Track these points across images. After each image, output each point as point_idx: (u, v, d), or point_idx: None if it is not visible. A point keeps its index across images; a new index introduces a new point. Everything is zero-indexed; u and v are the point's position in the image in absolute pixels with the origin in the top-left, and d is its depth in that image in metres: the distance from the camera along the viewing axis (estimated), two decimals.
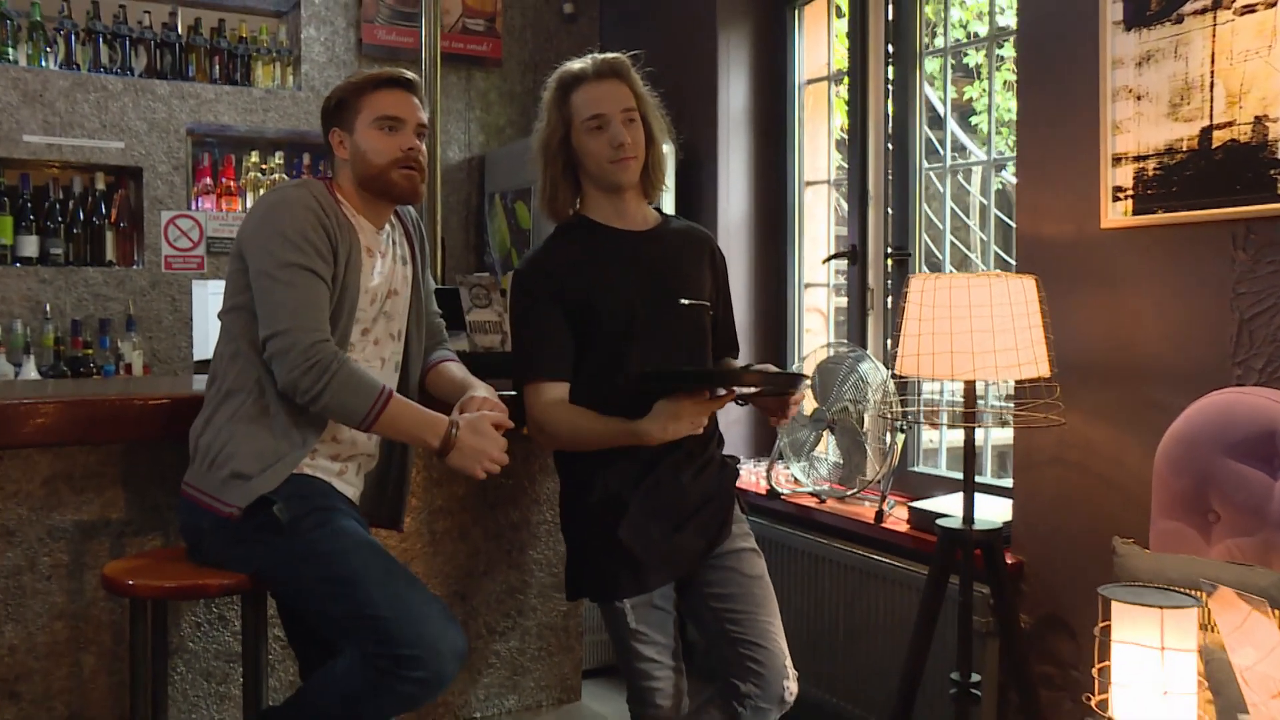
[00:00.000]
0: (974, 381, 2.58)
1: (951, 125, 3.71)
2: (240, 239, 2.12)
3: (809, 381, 2.17)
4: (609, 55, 2.37)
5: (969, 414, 2.61)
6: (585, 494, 2.34)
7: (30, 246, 4.09)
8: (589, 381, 2.31)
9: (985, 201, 3.75)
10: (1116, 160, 2.61)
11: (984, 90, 5.38)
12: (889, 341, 3.64)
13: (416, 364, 2.34)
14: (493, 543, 2.82)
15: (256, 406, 2.07)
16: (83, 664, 2.40)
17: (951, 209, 3.69)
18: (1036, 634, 2.84)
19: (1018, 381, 2.65)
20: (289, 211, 2.07)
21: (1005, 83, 4.92)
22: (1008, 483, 3.30)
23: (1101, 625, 1.85)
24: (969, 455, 2.65)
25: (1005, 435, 3.60)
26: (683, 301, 2.38)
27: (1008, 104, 4.82)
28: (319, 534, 2.01)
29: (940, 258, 3.71)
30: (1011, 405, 2.92)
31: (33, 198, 4.11)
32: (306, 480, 2.09)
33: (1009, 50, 4.47)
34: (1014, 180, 4.32)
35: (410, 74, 2.24)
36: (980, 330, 2.50)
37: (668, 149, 3.23)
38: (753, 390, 2.30)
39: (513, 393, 2.48)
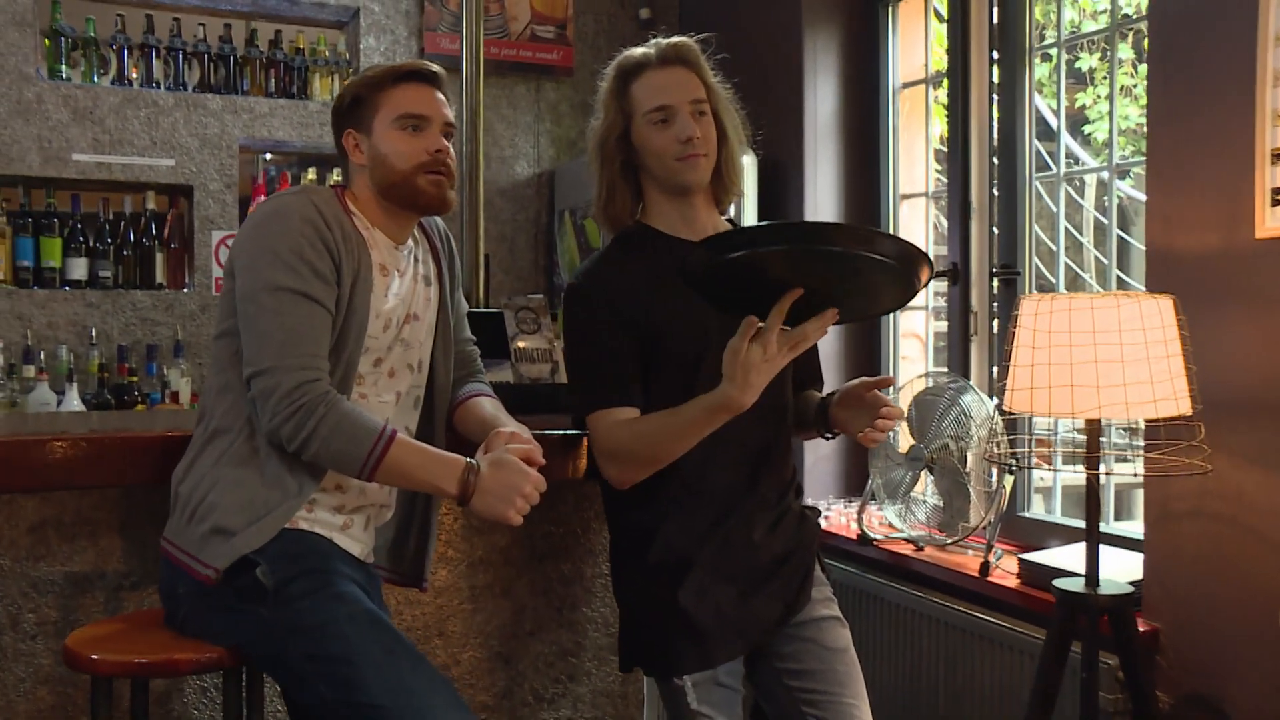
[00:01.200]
0: (1098, 420, 2.22)
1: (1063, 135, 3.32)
2: (231, 254, 1.84)
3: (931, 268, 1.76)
4: (675, 40, 2.05)
5: (1092, 458, 2.24)
6: (641, 552, 2.02)
7: (79, 269, 3.91)
8: None
9: (1105, 220, 3.36)
10: (1277, 157, 2.21)
11: (1098, 96, 4.96)
12: (995, 371, 3.27)
13: (443, 399, 2.03)
14: (541, 599, 2.50)
15: (246, 448, 1.77)
16: None
17: (1064, 227, 3.30)
18: (1178, 717, 2.43)
19: (1149, 420, 2.28)
20: (284, 225, 1.77)
21: (1123, 88, 4.50)
22: (1129, 528, 2.91)
23: None
24: (1091, 506, 2.30)
25: (1127, 474, 3.21)
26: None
27: (1124, 110, 4.41)
28: (309, 602, 1.69)
29: (1051, 278, 3.34)
30: (1141, 444, 2.54)
31: (82, 220, 3.94)
32: (300, 536, 1.78)
33: (1126, 51, 4.07)
34: (1133, 193, 3.89)
35: (435, 66, 1.95)
36: (1107, 360, 2.16)
37: (748, 160, 2.95)
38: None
39: (558, 431, 2.17)
